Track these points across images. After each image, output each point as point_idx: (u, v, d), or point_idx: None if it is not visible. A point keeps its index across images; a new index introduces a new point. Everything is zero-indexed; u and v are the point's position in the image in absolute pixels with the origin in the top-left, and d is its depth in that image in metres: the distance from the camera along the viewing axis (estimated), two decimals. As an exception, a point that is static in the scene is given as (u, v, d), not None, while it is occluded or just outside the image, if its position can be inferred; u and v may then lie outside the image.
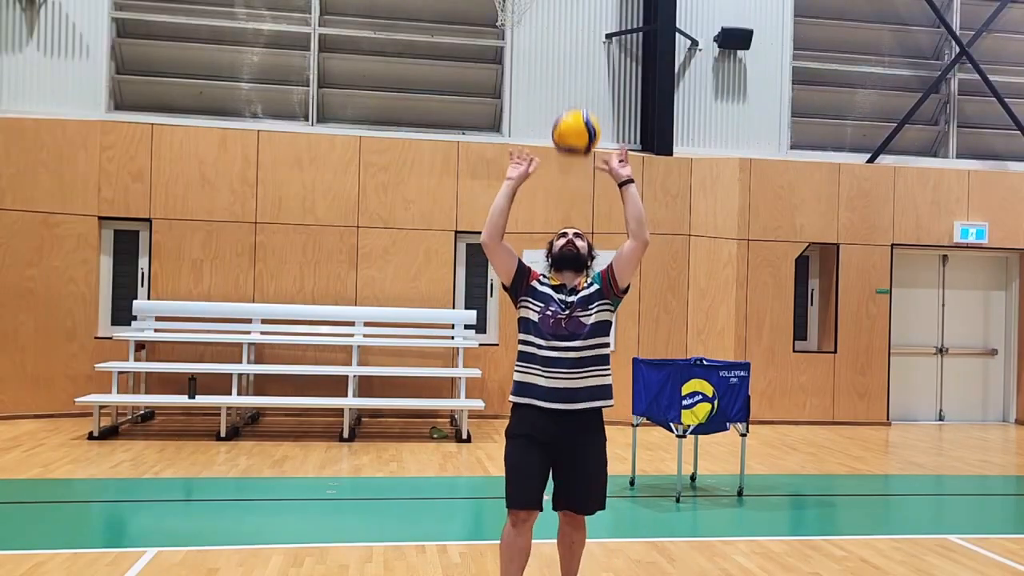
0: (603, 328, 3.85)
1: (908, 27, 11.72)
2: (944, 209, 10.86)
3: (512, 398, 3.90)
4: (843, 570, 4.82)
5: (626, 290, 3.93)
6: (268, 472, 7.06)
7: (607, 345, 3.88)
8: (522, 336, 3.89)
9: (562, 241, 3.97)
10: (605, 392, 3.88)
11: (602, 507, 3.91)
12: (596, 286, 3.89)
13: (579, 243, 3.95)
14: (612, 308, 3.90)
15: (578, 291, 3.87)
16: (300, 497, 6.29)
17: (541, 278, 3.97)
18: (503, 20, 9.44)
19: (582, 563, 4.24)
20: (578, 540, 3.99)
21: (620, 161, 4.00)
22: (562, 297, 3.85)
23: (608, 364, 3.88)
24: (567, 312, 3.80)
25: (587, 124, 3.97)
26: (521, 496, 3.74)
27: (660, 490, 6.70)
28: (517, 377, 3.89)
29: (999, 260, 11.44)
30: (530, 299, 3.89)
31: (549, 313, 3.81)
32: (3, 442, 7.98)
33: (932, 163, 11.49)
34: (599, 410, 3.91)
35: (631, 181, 3.95)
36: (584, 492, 3.86)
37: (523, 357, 3.87)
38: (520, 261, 3.97)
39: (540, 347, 3.81)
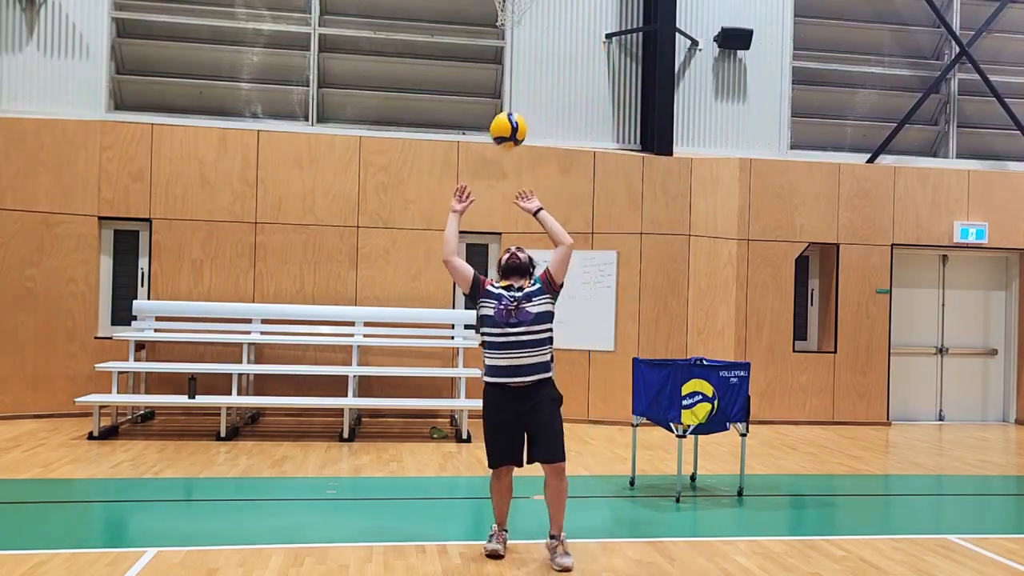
0: (546, 317, 4.90)
1: (908, 27, 11.72)
2: (944, 209, 10.86)
3: (483, 379, 4.93)
4: (843, 570, 4.82)
5: (561, 285, 5.00)
6: (268, 472, 7.06)
7: (550, 331, 4.92)
8: (483, 329, 4.91)
9: (507, 255, 5.02)
10: (546, 367, 4.88)
11: (562, 458, 4.80)
12: (538, 285, 4.95)
13: (521, 255, 5.00)
14: (552, 301, 4.96)
15: (524, 289, 4.92)
16: (300, 497, 6.29)
17: (493, 283, 4.99)
18: (503, 20, 9.44)
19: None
20: (556, 486, 4.81)
21: (526, 199, 5.21)
22: (511, 294, 4.88)
23: (550, 345, 4.90)
24: (516, 304, 4.83)
25: (509, 117, 5.16)
26: (497, 458, 4.89)
27: (660, 490, 6.70)
28: (485, 361, 4.91)
29: (999, 260, 11.44)
30: (486, 299, 4.91)
31: (502, 306, 4.83)
32: (3, 442, 7.98)
33: (932, 163, 11.49)
34: (549, 380, 4.91)
35: (541, 209, 5.14)
36: (547, 445, 4.79)
37: (486, 345, 4.89)
38: (475, 272, 4.99)
39: (497, 335, 4.82)
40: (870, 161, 11.24)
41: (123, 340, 9.28)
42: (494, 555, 4.83)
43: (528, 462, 4.89)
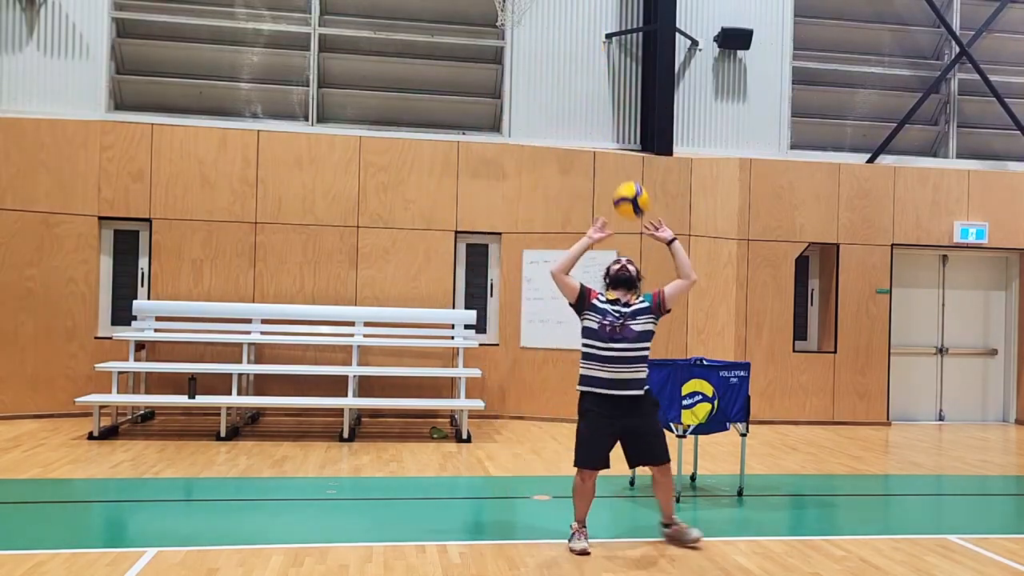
0: (647, 336, 5.09)
1: (908, 27, 11.72)
2: (944, 209, 10.86)
3: (580, 388, 5.12)
4: (843, 570, 4.82)
5: (669, 311, 5.23)
6: (268, 472, 7.06)
7: (648, 348, 5.12)
8: (585, 340, 5.10)
9: (617, 266, 5.22)
10: (642, 383, 5.12)
11: (668, 458, 5.18)
12: (646, 304, 5.13)
13: (631, 268, 5.21)
14: (656, 322, 5.17)
15: (630, 305, 5.10)
16: (300, 497, 6.29)
17: (599, 296, 5.16)
18: (503, 20, 9.44)
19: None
20: (665, 482, 5.22)
21: (657, 228, 5.35)
22: (617, 309, 5.07)
23: (646, 363, 5.13)
24: (621, 321, 5.02)
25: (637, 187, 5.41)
26: (587, 460, 5.05)
27: (660, 490, 6.69)
28: (583, 371, 5.10)
29: (999, 260, 11.44)
30: (591, 312, 5.09)
31: (607, 323, 5.02)
32: (3, 442, 7.98)
33: (932, 163, 11.49)
34: (648, 392, 5.16)
35: (675, 239, 5.30)
36: (653, 449, 5.13)
37: (586, 356, 5.08)
38: (582, 285, 5.16)
39: (600, 348, 5.01)
40: (870, 161, 11.24)
41: (123, 340, 9.28)
42: (583, 553, 4.95)
43: (630, 466, 5.26)
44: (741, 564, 4.88)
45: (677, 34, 10.73)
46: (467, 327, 9.94)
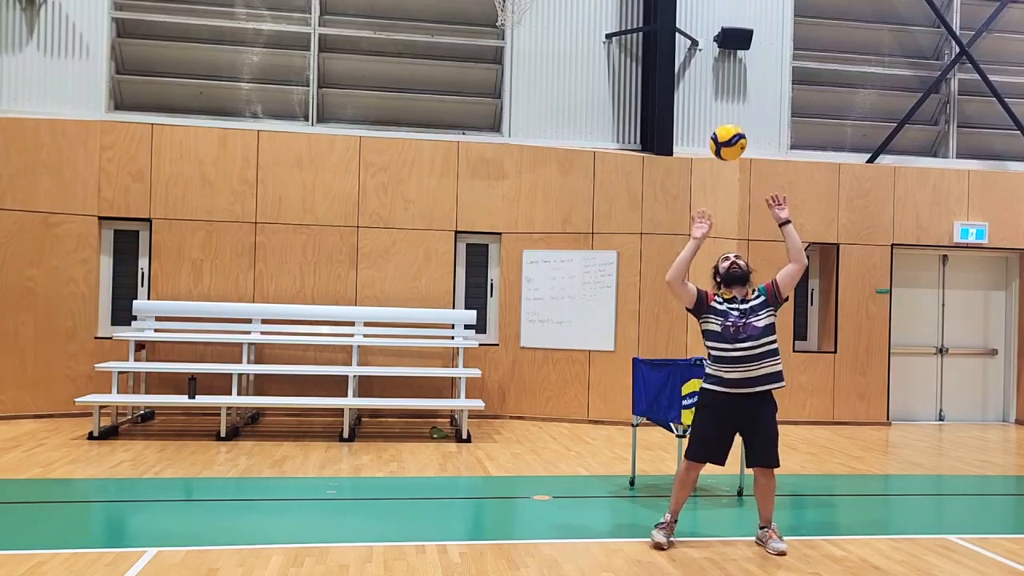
0: (771, 329, 5.06)
1: (908, 27, 11.71)
2: (944, 209, 10.86)
3: (705, 385, 5.17)
4: (843, 570, 4.82)
5: (787, 299, 5.19)
6: (268, 472, 7.06)
7: (775, 340, 5.05)
8: (709, 343, 5.10)
9: (727, 263, 5.21)
10: (778, 376, 5.06)
11: (778, 463, 5.09)
12: (763, 297, 5.13)
13: (741, 263, 5.19)
14: (775, 312, 5.13)
15: (748, 301, 5.10)
16: (300, 497, 6.29)
17: (716, 298, 5.16)
18: (503, 20, 9.43)
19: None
20: (769, 486, 5.13)
21: (779, 206, 5.26)
22: (736, 307, 5.06)
23: (778, 355, 5.06)
24: (743, 320, 5.00)
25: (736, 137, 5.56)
26: (699, 454, 5.11)
27: (660, 490, 6.70)
28: (711, 372, 5.12)
29: (999, 260, 11.44)
30: (711, 316, 5.10)
31: (729, 324, 5.01)
32: (3, 442, 7.98)
33: (932, 163, 11.49)
34: (771, 392, 5.08)
35: (789, 222, 5.20)
36: (765, 450, 5.05)
37: (713, 358, 5.09)
38: (698, 290, 5.17)
39: (726, 350, 5.00)
40: (870, 161, 11.24)
41: (123, 340, 9.28)
42: (659, 547, 5.06)
43: (748, 465, 5.20)
44: (741, 564, 4.88)
45: (677, 34, 10.73)
46: (467, 327, 9.95)
